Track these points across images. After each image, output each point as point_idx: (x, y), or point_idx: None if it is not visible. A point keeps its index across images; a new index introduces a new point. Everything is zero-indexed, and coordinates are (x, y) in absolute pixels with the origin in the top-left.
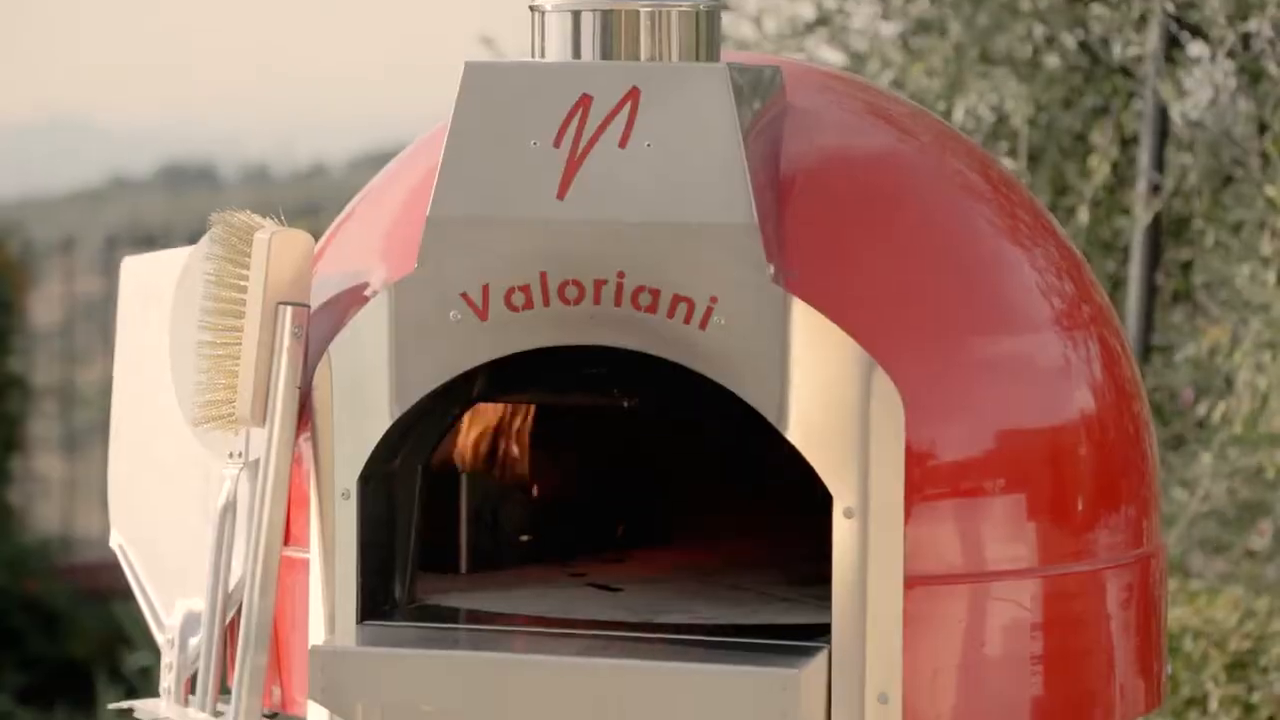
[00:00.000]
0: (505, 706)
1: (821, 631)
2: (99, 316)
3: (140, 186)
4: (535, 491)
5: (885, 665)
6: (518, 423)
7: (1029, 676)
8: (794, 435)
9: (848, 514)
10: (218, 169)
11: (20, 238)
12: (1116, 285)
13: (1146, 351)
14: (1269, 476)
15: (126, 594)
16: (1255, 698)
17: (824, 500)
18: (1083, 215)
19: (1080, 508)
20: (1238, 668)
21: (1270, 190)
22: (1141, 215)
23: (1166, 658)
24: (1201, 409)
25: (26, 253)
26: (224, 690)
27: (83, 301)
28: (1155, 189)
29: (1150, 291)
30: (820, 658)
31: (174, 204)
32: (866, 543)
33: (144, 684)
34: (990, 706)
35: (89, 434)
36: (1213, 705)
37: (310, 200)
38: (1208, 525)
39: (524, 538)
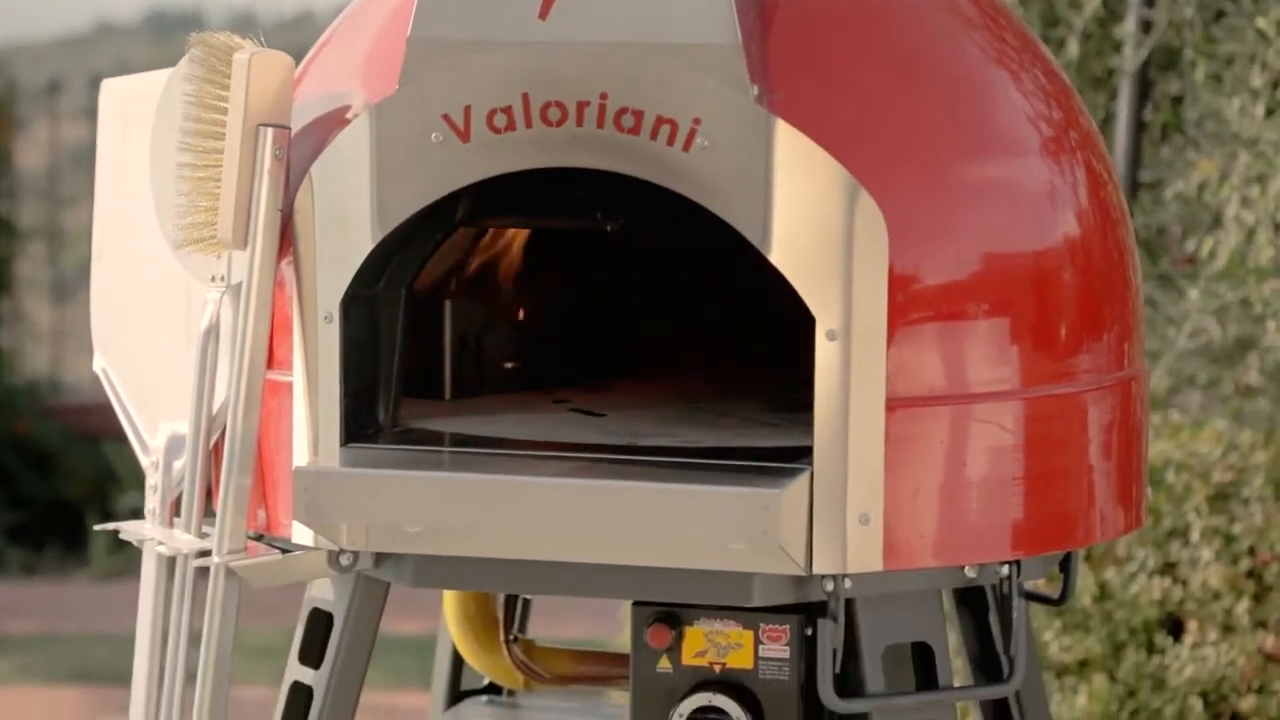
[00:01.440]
0: (490, 527)
1: (804, 454)
2: (85, 162)
3: (127, 32)
4: (520, 318)
5: (866, 486)
6: (502, 249)
7: (1010, 498)
8: (777, 257)
9: (830, 336)
10: (204, 15)
11: (6, 82)
12: (1106, 120)
13: (1134, 188)
14: (1256, 311)
15: (117, 435)
16: (1236, 529)
17: (808, 326)
18: (1072, 48)
19: (1063, 331)
20: (1219, 499)
21: (1261, 22)
22: (1131, 55)
23: (1147, 482)
24: (1190, 245)
25: (12, 97)
26: (209, 513)
27: (68, 146)
28: (1146, 26)
29: (1139, 128)
30: (802, 479)
31: (160, 50)
32: (849, 364)
33: None
34: (971, 527)
35: (76, 278)
36: (1194, 536)
37: (297, 47)
38: (1196, 362)
39: (508, 365)
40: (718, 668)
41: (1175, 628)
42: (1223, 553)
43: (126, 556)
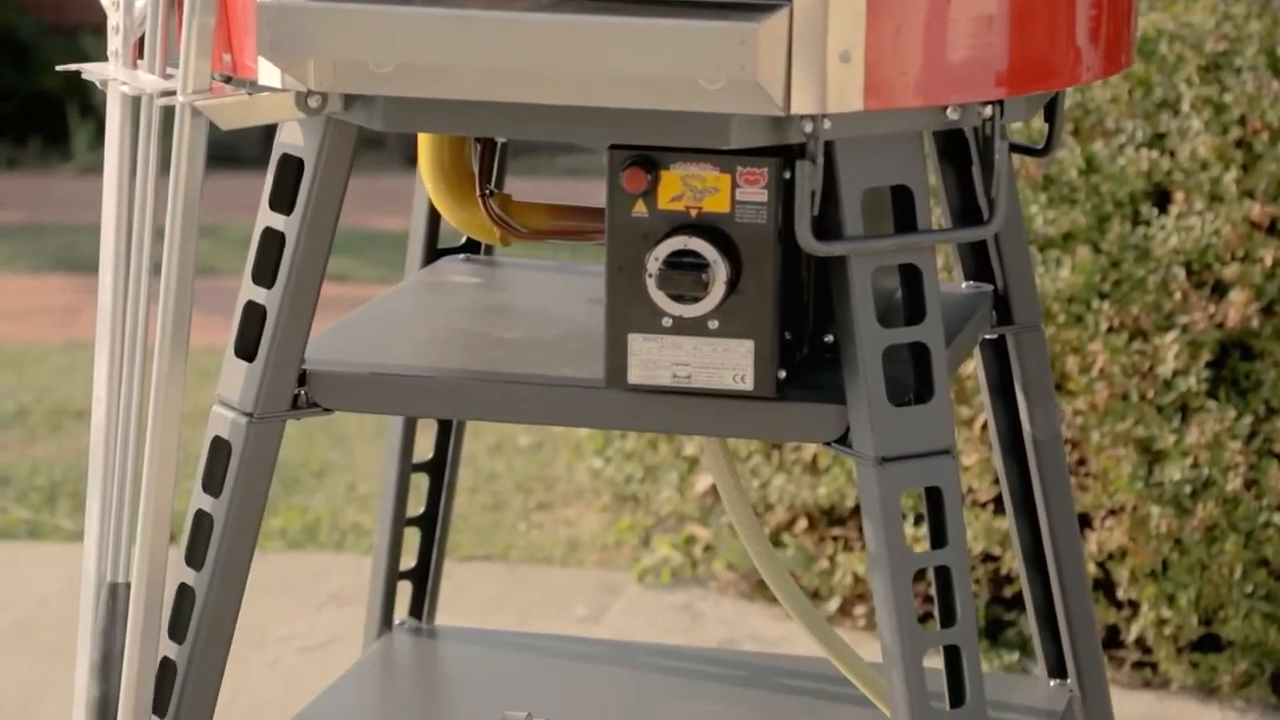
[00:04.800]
0: (460, 66)
1: None
2: None
3: None
4: None
5: (848, 22)
6: None
7: (994, 35)
8: None
9: None
10: None
11: None
12: None
13: None
14: None
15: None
16: (1227, 98)
17: None
18: None
19: None
20: (1211, 70)
21: None
22: None
23: (1137, 22)
24: None
25: None
26: (173, 57)
27: None
28: None
29: None
30: (781, 14)
31: None
32: None
33: None
34: (954, 66)
35: None
36: (1184, 107)
37: None
38: None
39: None
40: (694, 212)
41: (1162, 199)
42: (1212, 123)
43: None
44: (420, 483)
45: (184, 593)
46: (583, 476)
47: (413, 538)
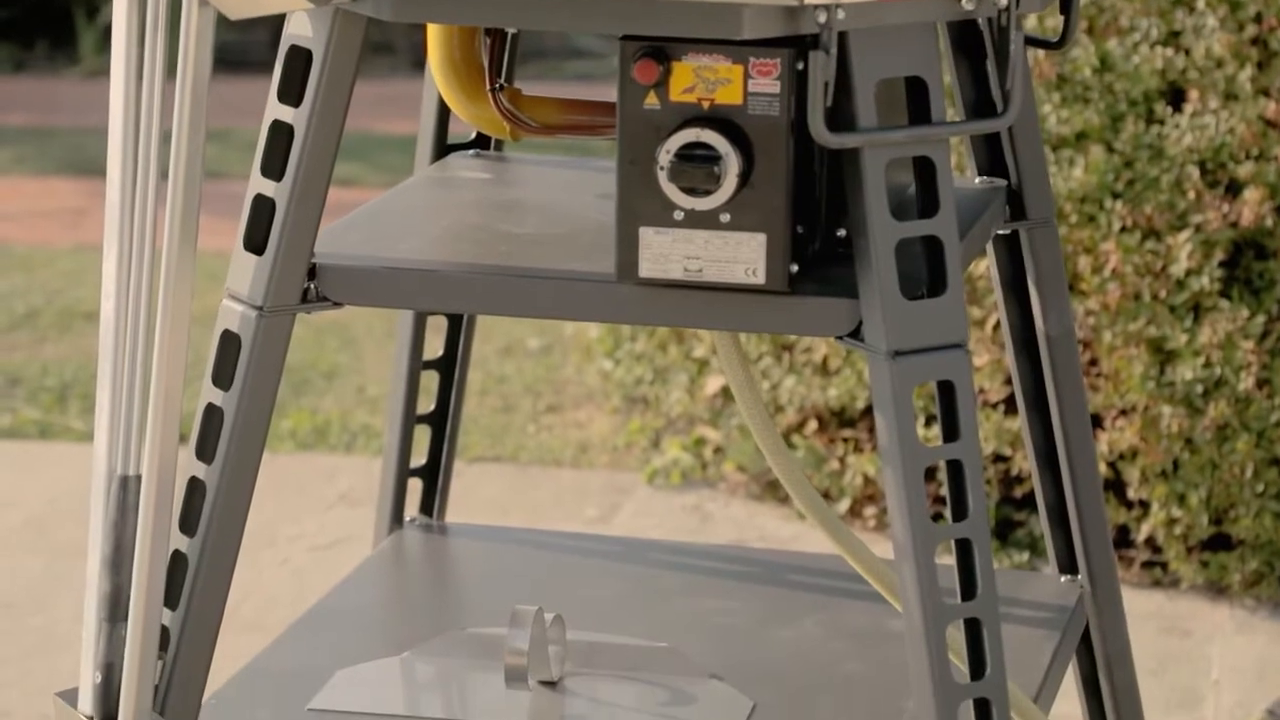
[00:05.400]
0: None
1: None
2: None
3: None
4: None
5: None
6: None
7: None
8: None
9: None
10: None
11: None
12: None
13: None
14: None
15: None
16: None
17: None
18: None
19: None
20: None
21: None
22: None
23: None
24: None
25: None
26: None
27: None
28: None
29: None
30: None
31: None
32: None
33: None
34: None
35: None
36: (1200, 4)
37: None
38: None
39: None
40: (706, 104)
41: (1176, 98)
42: (1228, 20)
43: None
44: (430, 381)
45: (194, 487)
46: (593, 379)
47: (422, 436)
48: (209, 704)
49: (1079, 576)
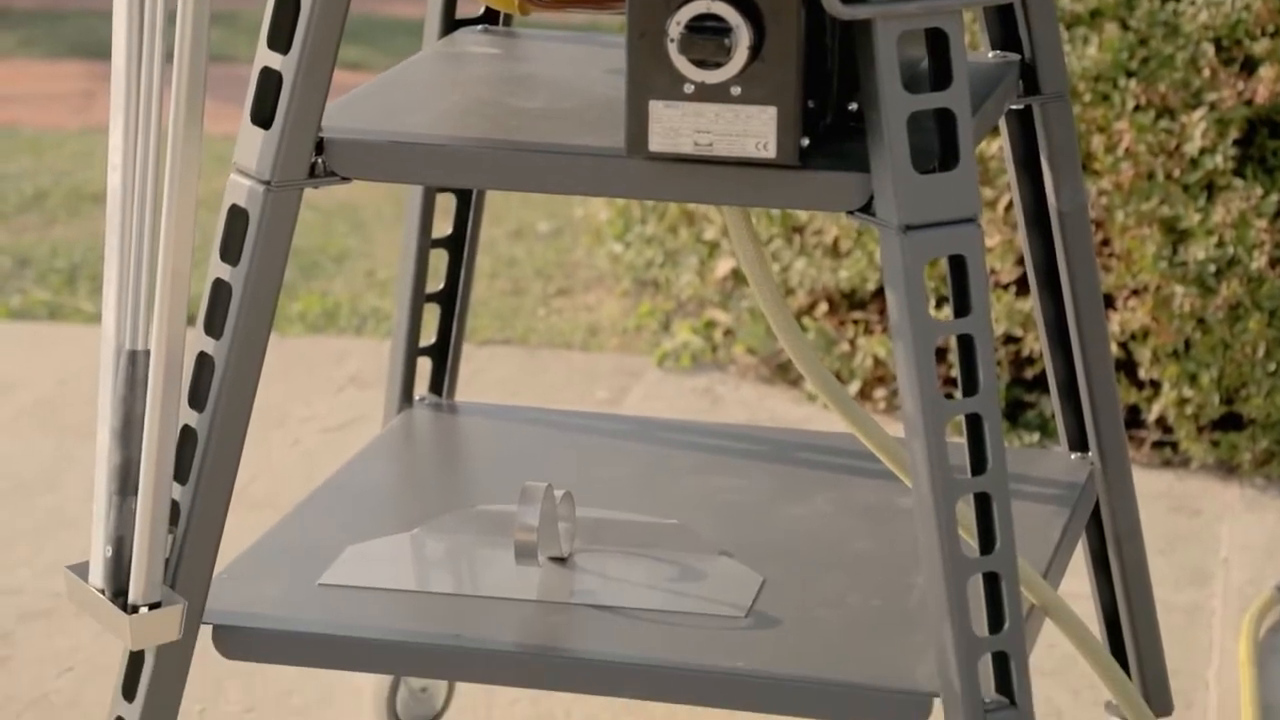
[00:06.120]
0: None
1: None
2: None
3: None
4: None
5: None
6: None
7: None
8: None
9: None
10: None
11: None
12: None
13: None
14: None
15: None
16: None
17: None
18: None
19: None
20: None
21: None
22: None
23: None
24: None
25: None
26: None
27: None
28: None
29: None
30: None
31: None
32: None
33: None
34: None
35: None
36: None
37: None
38: None
39: None
40: None
41: None
42: None
43: None
44: (439, 261)
45: (203, 361)
46: (603, 262)
47: (432, 316)
48: (219, 578)
49: (1089, 453)
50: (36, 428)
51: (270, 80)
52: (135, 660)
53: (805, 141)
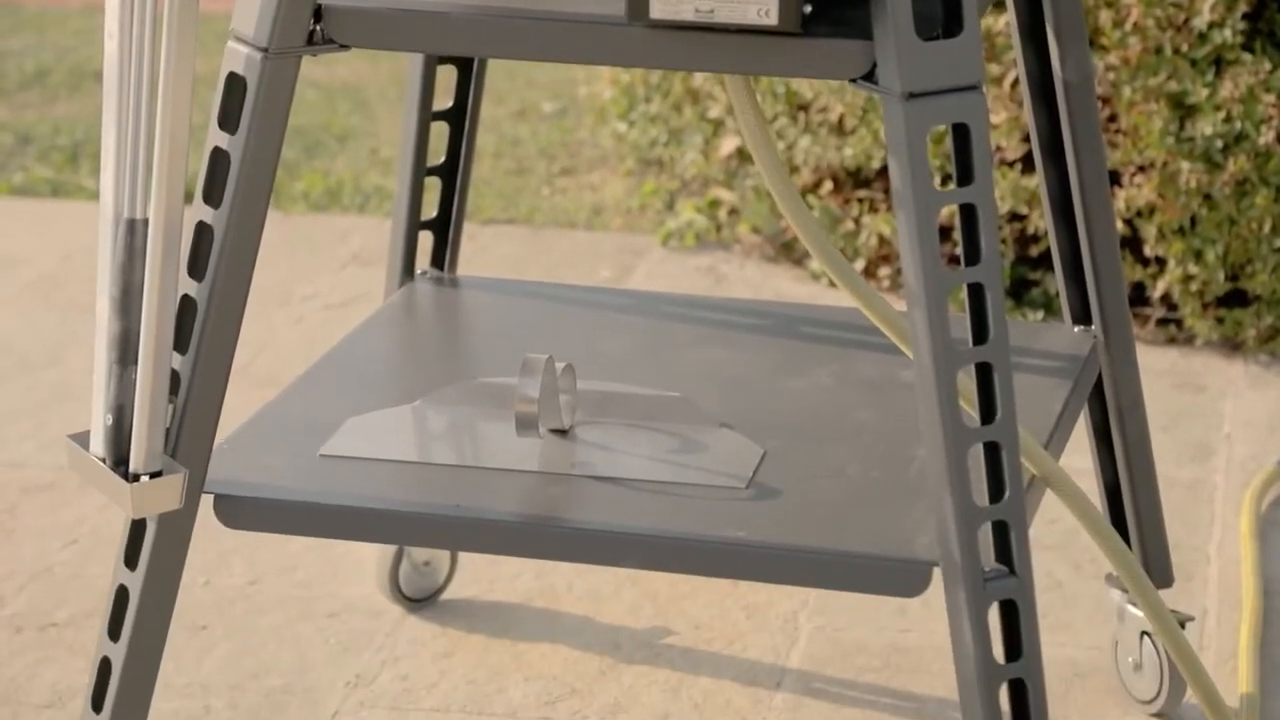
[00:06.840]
0: None
1: None
2: None
3: None
4: None
5: None
6: None
7: None
8: None
9: None
10: None
11: None
12: None
13: None
14: None
15: None
16: None
17: None
18: None
19: None
20: None
21: None
22: None
23: None
24: None
25: None
26: None
27: None
28: None
29: None
30: None
31: None
32: None
33: None
34: None
35: None
36: None
37: None
38: None
39: None
40: None
41: None
42: None
43: None
44: (440, 134)
45: (202, 231)
46: (607, 141)
47: (433, 190)
48: (220, 449)
49: (1093, 327)
50: (40, 303)
51: None
52: (137, 529)
53: (808, 8)
